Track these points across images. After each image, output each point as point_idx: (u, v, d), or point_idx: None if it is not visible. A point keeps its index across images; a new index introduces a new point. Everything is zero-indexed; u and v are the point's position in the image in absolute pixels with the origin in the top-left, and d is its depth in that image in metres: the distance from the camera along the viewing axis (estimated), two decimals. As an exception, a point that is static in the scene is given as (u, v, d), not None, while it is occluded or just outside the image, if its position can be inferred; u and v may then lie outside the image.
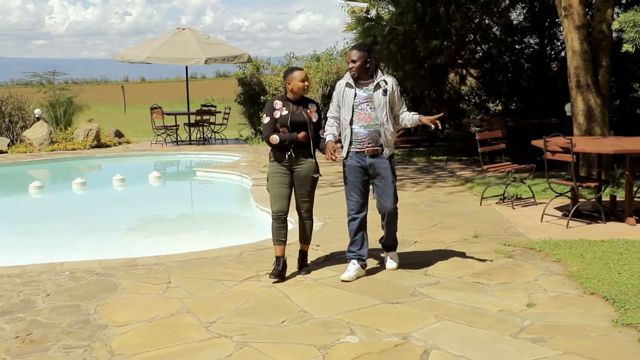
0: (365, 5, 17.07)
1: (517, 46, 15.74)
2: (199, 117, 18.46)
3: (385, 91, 5.80)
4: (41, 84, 27.97)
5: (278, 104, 6.01)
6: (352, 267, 5.95)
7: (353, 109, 5.85)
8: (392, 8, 15.33)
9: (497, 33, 15.65)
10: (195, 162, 15.87)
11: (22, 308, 5.39)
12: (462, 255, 6.62)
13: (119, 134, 19.16)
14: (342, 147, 5.98)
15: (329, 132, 5.97)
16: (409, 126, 6.06)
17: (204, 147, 17.63)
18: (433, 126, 5.82)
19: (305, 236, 6.27)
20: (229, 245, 7.24)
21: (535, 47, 15.45)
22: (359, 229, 6.02)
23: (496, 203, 9.18)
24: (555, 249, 6.64)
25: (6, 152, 16.84)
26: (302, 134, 5.91)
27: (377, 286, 5.73)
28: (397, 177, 11.69)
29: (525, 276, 5.89)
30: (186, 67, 18.74)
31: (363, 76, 5.85)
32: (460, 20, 14.61)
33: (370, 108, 5.82)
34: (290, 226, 8.11)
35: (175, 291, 5.73)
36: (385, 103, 5.79)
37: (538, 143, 8.19)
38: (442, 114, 6.34)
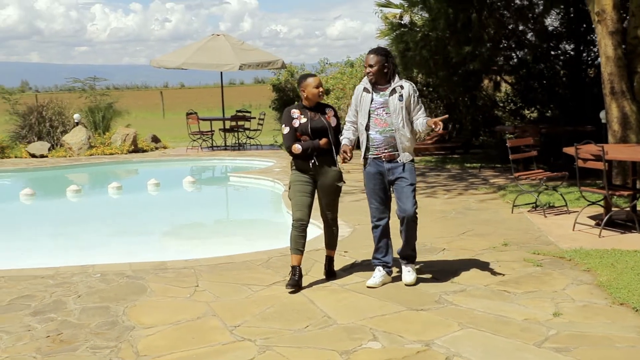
0: (398, 11, 17.11)
1: (552, 52, 15.57)
2: (233, 123, 18.62)
3: (401, 96, 5.71)
4: (82, 89, 28.50)
5: (295, 112, 5.94)
6: (378, 274, 5.94)
7: (369, 114, 5.78)
8: (425, 14, 15.33)
9: (532, 39, 15.50)
10: (230, 168, 16.00)
11: (54, 308, 5.50)
12: (490, 263, 6.58)
13: (155, 139, 19.41)
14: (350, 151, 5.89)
15: (345, 137, 5.93)
16: (421, 131, 5.97)
17: (239, 153, 17.76)
18: (437, 128, 5.70)
19: (331, 242, 6.27)
20: (258, 250, 7.30)
21: (571, 53, 15.28)
22: (382, 236, 6.00)
23: (528, 211, 9.10)
24: (586, 258, 6.56)
25: (46, 156, 17.17)
26: (323, 141, 5.86)
27: (402, 293, 5.73)
28: (429, 184, 11.79)
29: (553, 285, 5.84)
30: (221, 72, 18.91)
31: (380, 81, 5.77)
32: (493, 26, 14.52)
33: (386, 113, 5.74)
34: (317, 232, 8.18)
35: (203, 295, 5.80)
36: (401, 108, 5.70)
37: (570, 150, 8.11)
38: (446, 116, 6.25)
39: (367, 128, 5.80)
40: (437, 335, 4.74)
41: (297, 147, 5.86)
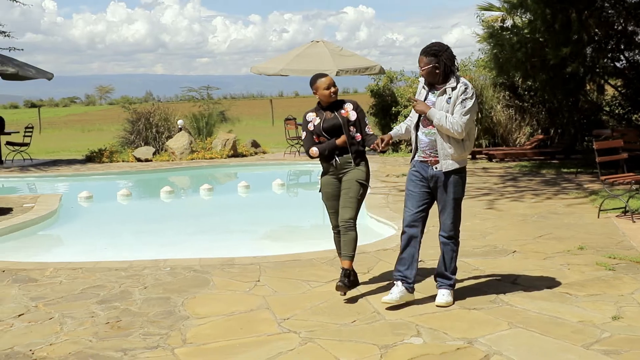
0: (500, 14, 16.80)
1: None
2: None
3: (449, 98, 5.18)
4: (196, 98, 29.43)
5: (311, 115, 5.74)
6: (396, 290, 5.29)
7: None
8: (526, 16, 14.96)
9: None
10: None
11: (119, 298, 5.77)
12: (559, 266, 6.36)
13: (255, 144, 19.85)
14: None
15: (395, 128, 5.62)
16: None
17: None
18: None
19: (346, 250, 5.61)
20: (327, 249, 7.35)
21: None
22: (408, 245, 5.36)
23: (616, 216, 8.72)
24: (665, 263, 6.24)
25: (151, 160, 17.90)
26: (341, 139, 5.58)
27: (460, 291, 5.62)
28: (518, 189, 11.49)
29: (620, 289, 5.58)
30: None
31: (435, 81, 5.28)
32: (596, 26, 13.97)
33: None
34: (390, 232, 8.15)
35: (262, 289, 5.92)
36: (447, 111, 5.18)
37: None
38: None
39: (417, 127, 5.40)
40: (483, 333, 4.64)
41: (314, 151, 5.68)
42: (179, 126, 19.21)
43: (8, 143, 18.92)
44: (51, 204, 10.52)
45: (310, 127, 5.72)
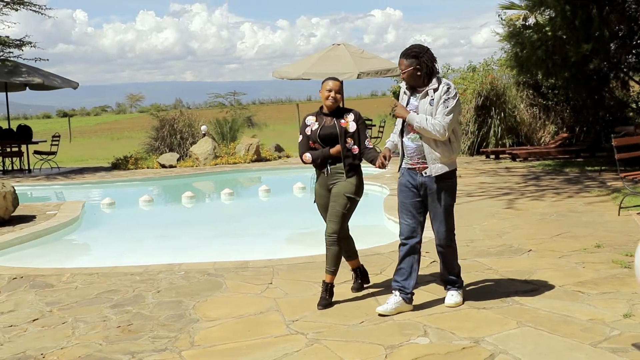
0: (521, 12, 16.65)
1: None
2: (353, 131, 18.78)
3: (432, 100, 5.01)
4: (223, 104, 29.52)
5: (310, 119, 5.58)
6: (392, 300, 5.17)
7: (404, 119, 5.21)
8: (545, 13, 14.82)
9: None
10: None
11: (132, 302, 5.82)
12: (574, 264, 6.29)
13: (279, 149, 19.91)
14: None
15: (389, 140, 5.45)
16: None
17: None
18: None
19: (329, 264, 5.47)
20: (341, 251, 7.34)
21: None
22: (407, 257, 5.22)
23: (637, 213, 8.59)
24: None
25: (175, 167, 18.05)
26: (335, 149, 5.39)
27: (471, 291, 5.59)
28: (540, 188, 11.37)
29: (634, 287, 5.49)
30: (342, 81, 19.12)
31: (416, 84, 5.10)
32: (616, 22, 13.79)
33: None
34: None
35: (273, 291, 5.94)
36: (431, 114, 5.02)
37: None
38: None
39: (402, 134, 5.23)
40: (490, 332, 4.61)
41: (306, 157, 5.51)
42: (203, 132, 19.34)
43: (36, 152, 19.22)
44: (73, 211, 10.66)
45: (308, 131, 5.53)
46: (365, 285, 5.91)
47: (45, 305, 5.84)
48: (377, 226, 9.54)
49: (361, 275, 5.88)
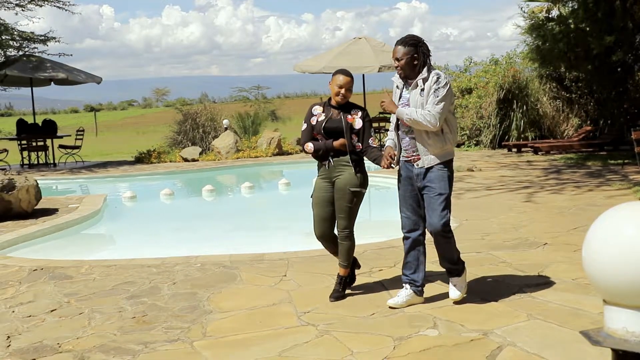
0: (544, 4, 16.52)
1: None
2: (375, 124, 18.82)
3: (422, 90, 4.91)
4: (248, 98, 29.65)
5: (317, 109, 5.49)
6: (403, 293, 5.20)
7: None
8: (568, 5, 14.71)
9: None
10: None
11: (148, 293, 5.91)
12: (589, 257, 6.26)
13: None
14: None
15: (389, 137, 5.33)
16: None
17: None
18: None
19: (342, 258, 5.50)
20: (357, 244, 7.36)
21: None
22: (412, 250, 5.22)
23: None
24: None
25: (197, 160, 18.19)
26: (339, 142, 5.32)
27: (483, 284, 5.61)
28: (560, 181, 11.30)
29: (648, 280, 5.47)
30: (363, 75, 19.13)
31: (411, 75, 4.99)
32: (640, 13, 13.66)
33: None
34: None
35: (287, 283, 5.99)
36: (421, 105, 4.93)
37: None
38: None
39: (397, 127, 5.17)
40: (499, 325, 4.62)
41: (309, 146, 5.45)
42: (225, 126, 19.46)
43: (61, 146, 19.47)
44: (95, 204, 10.80)
45: (313, 121, 5.45)
46: (352, 285, 5.71)
47: (63, 296, 5.95)
48: (392, 219, 9.52)
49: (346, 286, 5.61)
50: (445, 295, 5.35)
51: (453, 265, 5.21)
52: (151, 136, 31.66)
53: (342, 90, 5.33)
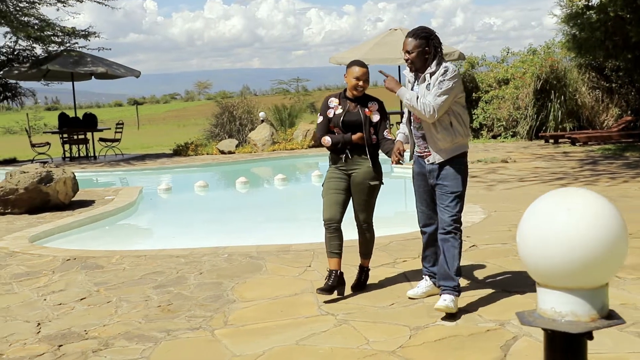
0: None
1: None
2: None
3: (429, 85, 4.79)
4: (288, 91, 29.75)
5: (333, 101, 5.41)
6: (423, 284, 5.25)
7: None
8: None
9: None
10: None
11: (175, 283, 6.03)
12: (615, 248, 6.19)
13: (337, 134, 20.00)
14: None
15: (400, 131, 5.28)
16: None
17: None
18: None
19: (364, 250, 5.60)
20: (383, 235, 7.40)
21: None
22: (429, 244, 5.21)
23: (692, 198, 8.39)
24: None
25: (234, 153, 18.37)
26: (357, 135, 5.26)
27: (506, 276, 5.61)
28: (595, 172, 11.16)
29: (674, 272, 5.41)
30: (398, 66, 19.07)
31: (422, 68, 4.86)
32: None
33: None
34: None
35: (311, 274, 6.06)
36: None
37: None
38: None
39: (409, 122, 5.10)
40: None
41: (326, 140, 5.37)
42: (261, 118, 19.60)
43: (101, 139, 19.84)
44: (130, 196, 11.01)
45: (330, 113, 5.38)
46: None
47: (93, 285, 6.11)
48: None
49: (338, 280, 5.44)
50: (465, 288, 5.36)
51: (456, 276, 4.86)
52: (191, 129, 32.01)
53: (360, 82, 5.25)
